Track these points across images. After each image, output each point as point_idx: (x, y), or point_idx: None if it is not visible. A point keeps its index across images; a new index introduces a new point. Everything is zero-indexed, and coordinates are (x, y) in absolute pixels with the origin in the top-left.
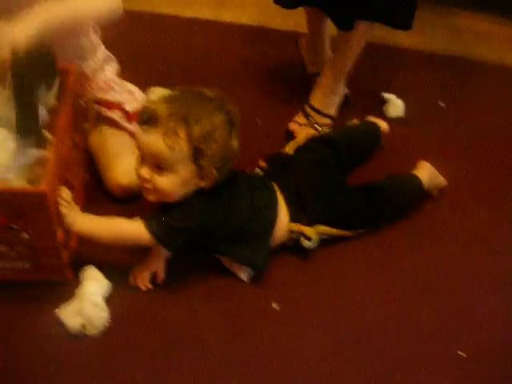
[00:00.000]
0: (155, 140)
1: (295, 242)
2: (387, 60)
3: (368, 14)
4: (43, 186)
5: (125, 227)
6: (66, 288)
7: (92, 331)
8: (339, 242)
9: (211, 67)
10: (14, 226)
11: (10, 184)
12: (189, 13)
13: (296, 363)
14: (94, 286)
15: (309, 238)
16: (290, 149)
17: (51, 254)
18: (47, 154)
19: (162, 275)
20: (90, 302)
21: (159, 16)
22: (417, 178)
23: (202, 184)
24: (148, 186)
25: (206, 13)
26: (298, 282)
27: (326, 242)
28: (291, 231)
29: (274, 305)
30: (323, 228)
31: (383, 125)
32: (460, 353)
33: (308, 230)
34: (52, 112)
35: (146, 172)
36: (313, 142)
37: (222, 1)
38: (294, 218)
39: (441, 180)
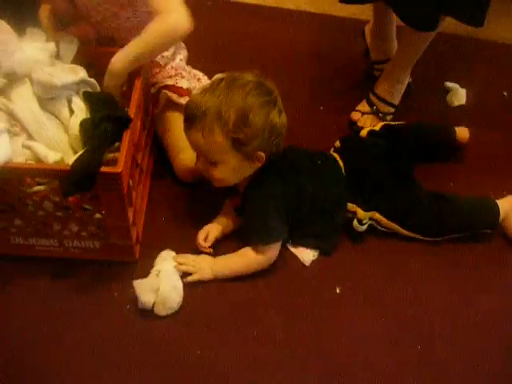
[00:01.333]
0: (196, 138)
1: (347, 222)
2: (451, 49)
3: (447, 9)
4: (118, 168)
5: (250, 257)
6: (132, 267)
7: (161, 311)
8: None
9: (275, 54)
10: (88, 207)
11: None
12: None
13: (355, 347)
14: (174, 268)
15: (360, 221)
16: (364, 132)
17: (121, 233)
18: None
19: (211, 239)
20: (171, 284)
21: (223, 3)
22: (496, 207)
23: (257, 165)
24: (207, 175)
25: (268, 0)
26: (360, 268)
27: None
28: (346, 210)
29: (338, 289)
30: (378, 216)
31: (463, 132)
32: None
33: (362, 214)
34: (124, 97)
35: (200, 164)
36: (387, 131)
37: None
38: (351, 198)
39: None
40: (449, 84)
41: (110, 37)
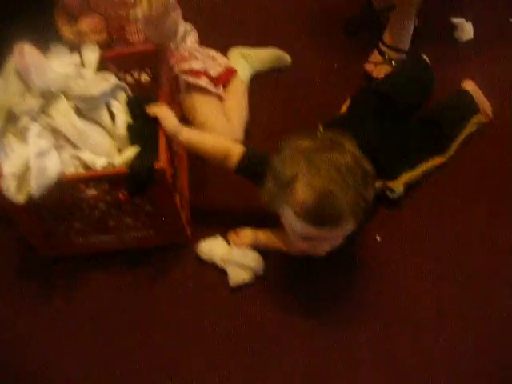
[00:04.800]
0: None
1: (381, 194)
2: None
3: None
4: (161, 164)
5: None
6: (187, 248)
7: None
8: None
9: (286, 22)
10: (138, 202)
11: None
12: None
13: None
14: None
15: (392, 190)
16: (345, 106)
17: (173, 220)
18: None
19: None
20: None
21: None
22: (466, 92)
23: None
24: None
25: None
26: (399, 219)
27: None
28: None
29: (378, 237)
30: (406, 175)
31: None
32: None
33: (391, 183)
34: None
35: None
36: (366, 95)
37: None
38: None
39: (486, 106)
40: (455, 20)
41: (119, 26)
